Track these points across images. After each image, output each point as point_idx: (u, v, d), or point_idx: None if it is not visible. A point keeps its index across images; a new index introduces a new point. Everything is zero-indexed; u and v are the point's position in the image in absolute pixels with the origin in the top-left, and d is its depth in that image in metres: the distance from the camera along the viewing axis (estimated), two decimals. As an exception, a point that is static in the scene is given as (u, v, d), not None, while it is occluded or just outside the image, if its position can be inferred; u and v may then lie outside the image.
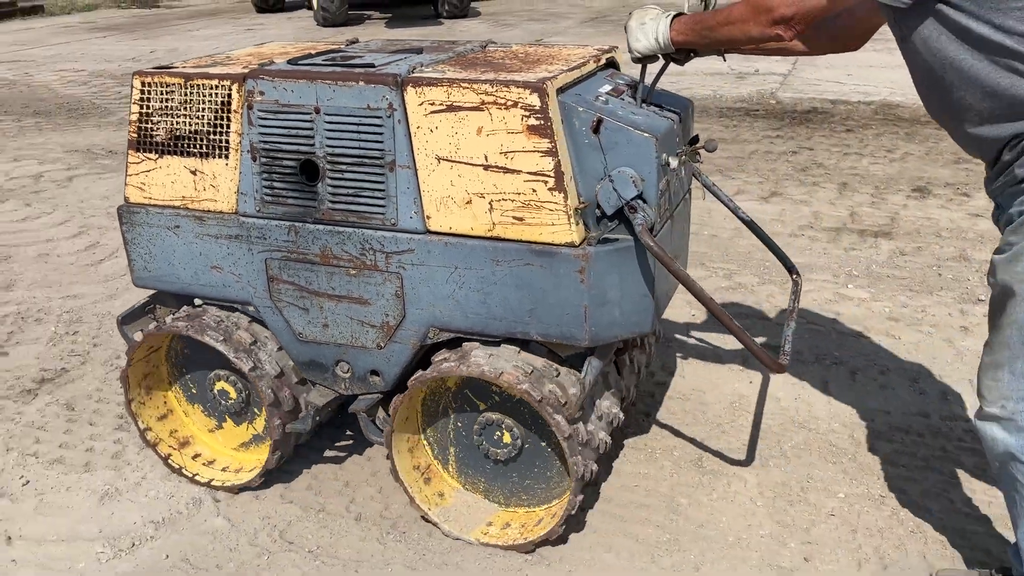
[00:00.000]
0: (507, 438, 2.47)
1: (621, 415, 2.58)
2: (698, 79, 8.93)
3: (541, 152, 2.15)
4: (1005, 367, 1.99)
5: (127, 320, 2.80)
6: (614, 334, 2.32)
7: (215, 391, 2.77)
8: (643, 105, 2.35)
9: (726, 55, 2.36)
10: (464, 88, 2.18)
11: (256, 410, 2.76)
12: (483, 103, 2.17)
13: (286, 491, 2.79)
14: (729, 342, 3.57)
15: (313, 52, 2.65)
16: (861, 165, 6.03)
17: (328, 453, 2.97)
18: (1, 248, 4.96)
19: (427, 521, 2.57)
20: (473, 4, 15.87)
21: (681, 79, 8.83)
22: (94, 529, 2.66)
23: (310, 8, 15.94)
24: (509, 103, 2.14)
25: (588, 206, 2.22)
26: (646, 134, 2.16)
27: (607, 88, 2.38)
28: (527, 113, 2.13)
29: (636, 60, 2.27)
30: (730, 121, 7.37)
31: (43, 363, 3.64)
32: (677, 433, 3.02)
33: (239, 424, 2.83)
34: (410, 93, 2.23)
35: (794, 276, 2.80)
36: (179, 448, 2.85)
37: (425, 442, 2.62)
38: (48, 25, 15.64)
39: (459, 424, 2.55)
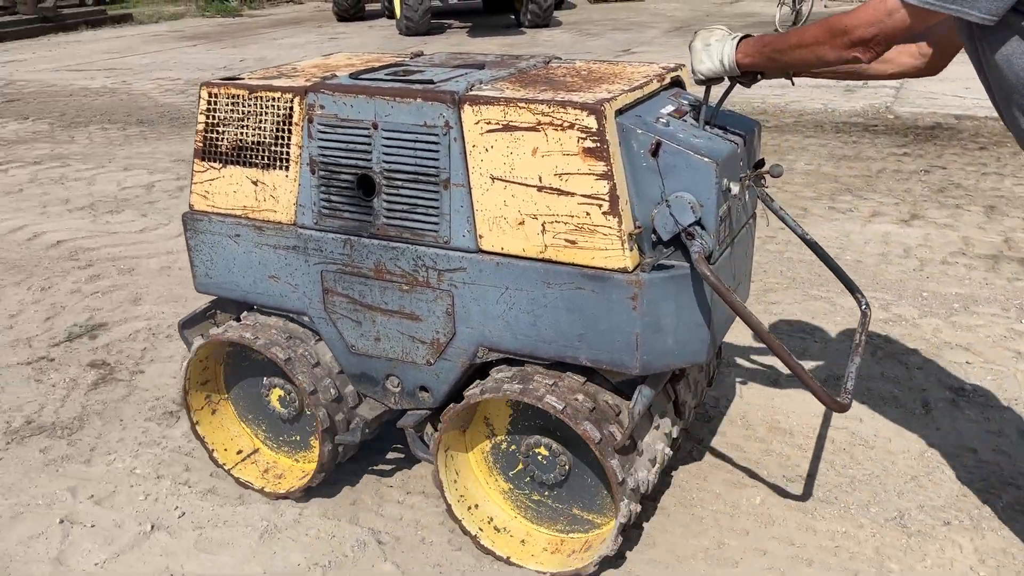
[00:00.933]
0: (552, 464, 2.43)
1: (668, 451, 2.52)
2: (805, 92, 8.64)
3: (596, 175, 2.10)
4: None
5: (188, 325, 2.85)
6: (667, 363, 2.25)
7: (269, 398, 2.80)
8: (706, 127, 2.27)
9: (795, 78, 2.27)
10: (521, 108, 2.14)
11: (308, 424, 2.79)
12: (539, 123, 2.13)
13: (453, 537, 2.62)
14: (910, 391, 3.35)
15: (376, 65, 2.65)
16: (1004, 186, 5.72)
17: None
18: (124, 260, 4.98)
19: (476, 544, 2.54)
20: (555, 13, 15.81)
21: (786, 91, 8.56)
22: (258, 570, 2.54)
23: (391, 17, 16.05)
24: (566, 124, 2.10)
25: (643, 231, 2.16)
26: (706, 159, 2.09)
27: (670, 109, 2.32)
28: (583, 135, 2.09)
29: (700, 82, 2.20)
30: (848, 137, 7.08)
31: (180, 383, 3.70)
32: (866, 485, 2.80)
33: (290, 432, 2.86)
34: (467, 111, 2.21)
35: (863, 307, 2.68)
36: (252, 464, 2.90)
37: (477, 460, 2.60)
38: (138, 33, 16.05)
39: (508, 445, 2.52)
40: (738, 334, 3.75)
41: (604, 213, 2.12)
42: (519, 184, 2.19)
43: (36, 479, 2.96)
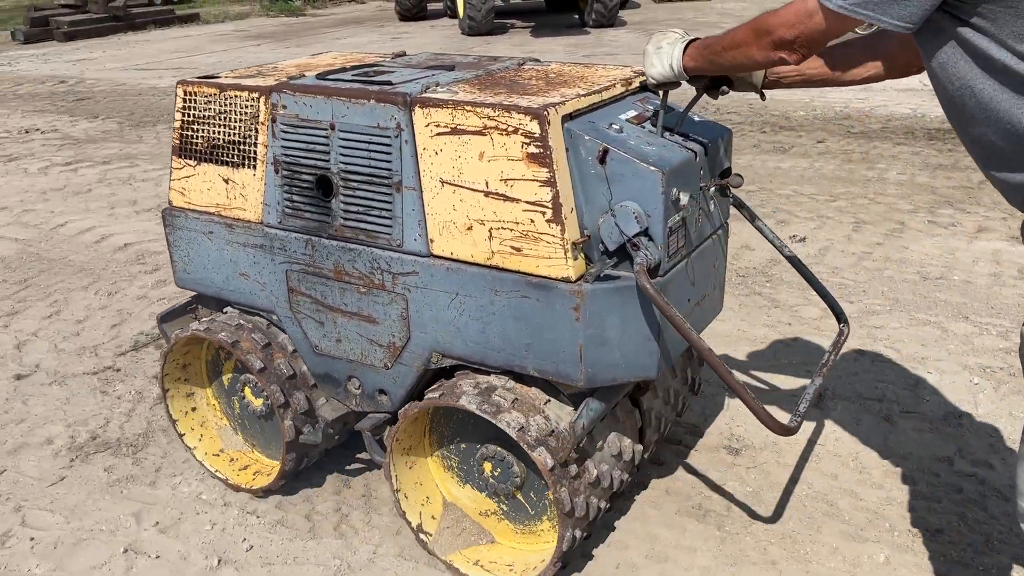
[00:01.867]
0: (494, 470, 2.38)
1: (626, 477, 2.45)
2: (890, 95, 8.23)
3: (540, 182, 2.05)
4: None
5: (167, 318, 2.90)
6: (613, 376, 2.18)
7: (241, 396, 2.82)
8: (665, 134, 2.19)
9: (765, 92, 2.18)
10: (468, 111, 2.10)
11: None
12: (485, 127, 2.09)
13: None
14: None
15: (348, 66, 2.64)
16: None
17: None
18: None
19: (423, 546, 2.51)
20: (619, 13, 15.59)
21: (870, 95, 8.15)
22: (332, 616, 2.42)
23: (453, 17, 15.97)
24: (510, 129, 2.05)
25: (588, 240, 2.09)
26: (653, 167, 2.02)
27: (631, 114, 2.25)
28: (527, 140, 2.04)
29: (652, 87, 2.12)
30: (943, 144, 6.63)
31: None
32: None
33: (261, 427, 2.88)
34: (418, 114, 2.18)
35: (841, 325, 2.56)
36: (229, 461, 2.93)
37: (432, 469, 2.57)
38: (204, 33, 16.03)
39: (461, 454, 2.49)
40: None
41: (547, 221, 2.06)
42: (467, 188, 2.16)
43: (100, 501, 2.85)
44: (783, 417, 2.13)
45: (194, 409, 2.93)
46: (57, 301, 4.42)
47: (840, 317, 2.58)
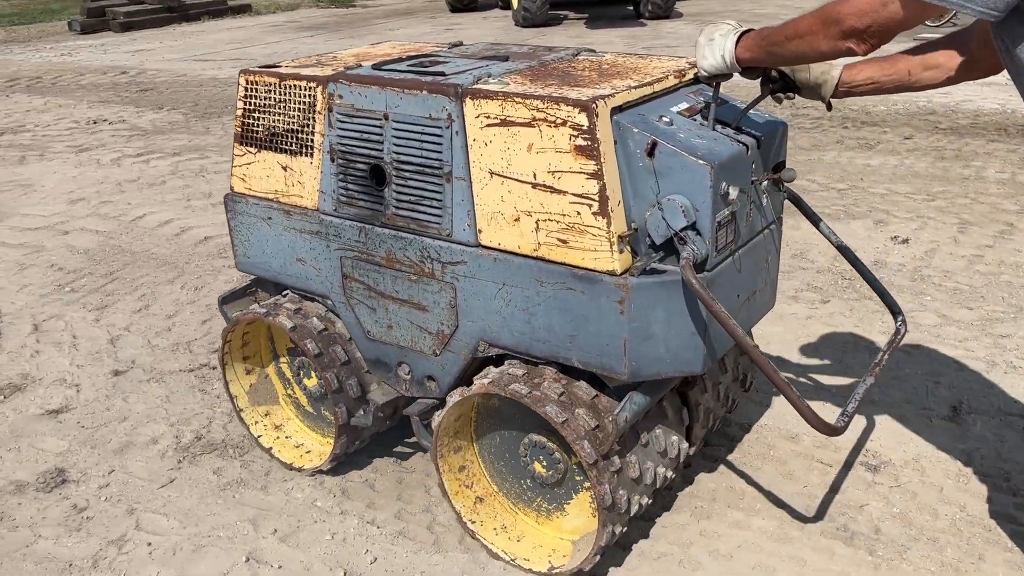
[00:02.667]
0: (542, 466, 2.40)
1: (685, 445, 2.44)
2: (976, 90, 7.88)
3: (587, 174, 2.05)
4: None
5: (228, 300, 2.99)
6: (658, 371, 2.17)
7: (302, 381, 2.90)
8: (716, 127, 2.17)
9: (833, 99, 2.13)
10: (518, 103, 2.11)
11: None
12: (534, 119, 2.09)
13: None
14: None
15: (405, 56, 2.67)
16: None
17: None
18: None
19: (473, 536, 2.55)
20: (676, 4, 15.27)
21: (953, 89, 7.79)
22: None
23: (506, 7, 15.73)
24: (558, 121, 2.06)
25: (635, 233, 2.09)
26: (701, 161, 2.00)
27: (683, 106, 2.23)
28: (575, 132, 2.04)
29: (704, 79, 2.10)
30: None
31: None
32: None
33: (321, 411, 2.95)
34: (468, 105, 2.20)
35: (898, 323, 2.49)
36: (273, 429, 3.02)
37: (479, 459, 2.60)
38: (257, 24, 15.98)
39: (508, 444, 2.51)
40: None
41: (594, 213, 2.06)
42: (515, 180, 2.17)
43: (213, 505, 2.80)
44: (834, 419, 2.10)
45: (252, 387, 3.02)
46: (145, 295, 4.43)
47: (897, 315, 2.52)
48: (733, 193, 2.04)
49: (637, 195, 2.10)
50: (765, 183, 2.25)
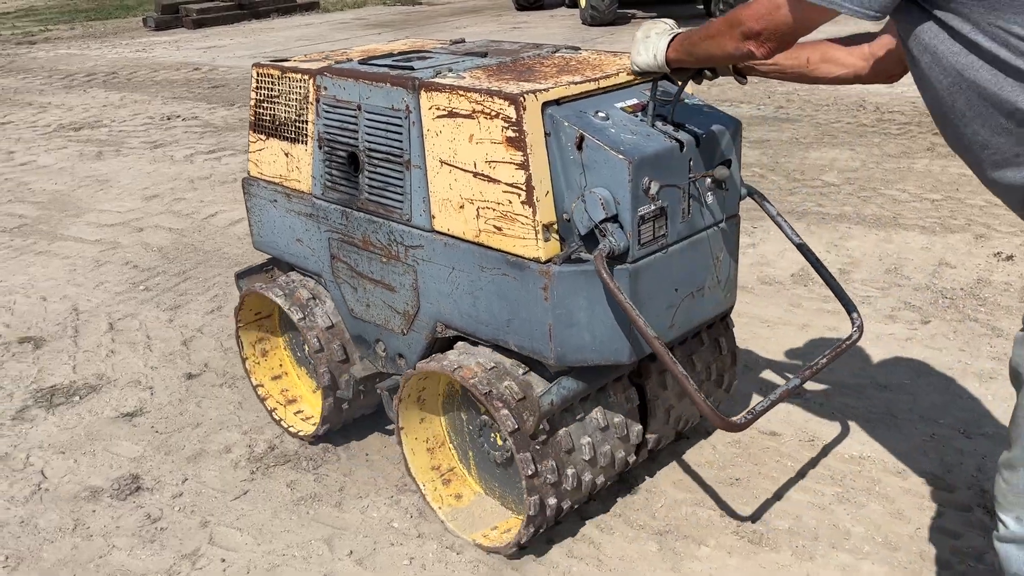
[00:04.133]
0: (499, 439, 2.50)
1: (621, 454, 2.48)
2: None
3: (516, 164, 2.14)
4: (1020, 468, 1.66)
5: (243, 275, 3.24)
6: (584, 358, 2.24)
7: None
8: (656, 124, 2.21)
9: (746, 77, 2.15)
10: (461, 96, 2.23)
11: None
12: (474, 111, 2.21)
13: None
14: None
15: (394, 52, 2.83)
16: None
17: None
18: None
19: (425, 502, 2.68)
20: None
21: None
22: None
23: (573, 6, 15.37)
24: (492, 113, 2.16)
25: (566, 223, 2.16)
26: (620, 156, 2.05)
27: (630, 103, 2.28)
28: (506, 124, 2.14)
29: (637, 75, 2.15)
30: None
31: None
32: None
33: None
34: (423, 97, 2.33)
35: (853, 329, 2.44)
36: (285, 405, 3.24)
37: (450, 444, 2.72)
38: (325, 21, 15.90)
39: (470, 426, 2.63)
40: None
41: (522, 202, 2.15)
42: (460, 169, 2.29)
43: (287, 521, 2.74)
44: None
45: (264, 353, 3.25)
46: (217, 296, 4.42)
47: (853, 318, 2.47)
48: (654, 188, 2.08)
49: (570, 186, 2.17)
50: (709, 180, 2.27)
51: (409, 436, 2.65)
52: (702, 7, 13.87)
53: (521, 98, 2.10)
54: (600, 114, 2.18)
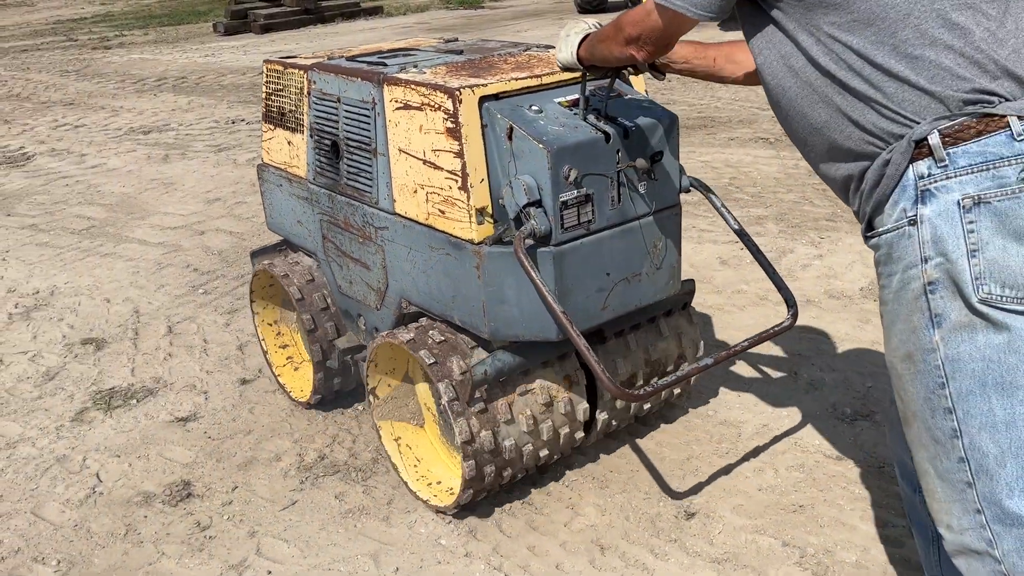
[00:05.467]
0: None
1: (566, 430, 2.64)
2: None
3: (454, 153, 2.34)
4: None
5: (257, 254, 3.54)
6: (515, 333, 2.42)
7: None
8: (589, 117, 2.36)
9: (663, 74, 2.28)
10: (413, 89, 2.44)
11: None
12: (423, 104, 2.41)
13: None
14: None
15: (383, 50, 3.07)
16: None
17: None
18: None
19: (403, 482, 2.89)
20: None
21: None
22: None
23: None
24: (436, 106, 2.36)
25: (490, 208, 2.34)
26: (541, 145, 2.22)
27: (569, 98, 2.44)
28: (446, 116, 2.34)
29: (562, 70, 2.31)
30: None
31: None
32: None
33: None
34: (386, 90, 2.56)
35: (789, 314, 2.52)
36: (293, 371, 3.54)
37: (416, 411, 2.94)
38: (388, 25, 15.91)
39: (432, 395, 2.84)
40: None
41: (459, 188, 2.35)
42: (413, 156, 2.50)
43: (334, 534, 2.73)
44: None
45: (275, 322, 3.55)
46: None
47: (791, 306, 2.55)
48: (573, 175, 2.24)
49: (505, 174, 2.35)
50: (632, 170, 2.40)
51: (379, 400, 2.88)
52: None
53: (458, 92, 2.30)
54: (534, 108, 2.35)
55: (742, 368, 3.51)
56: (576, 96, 2.45)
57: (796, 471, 2.87)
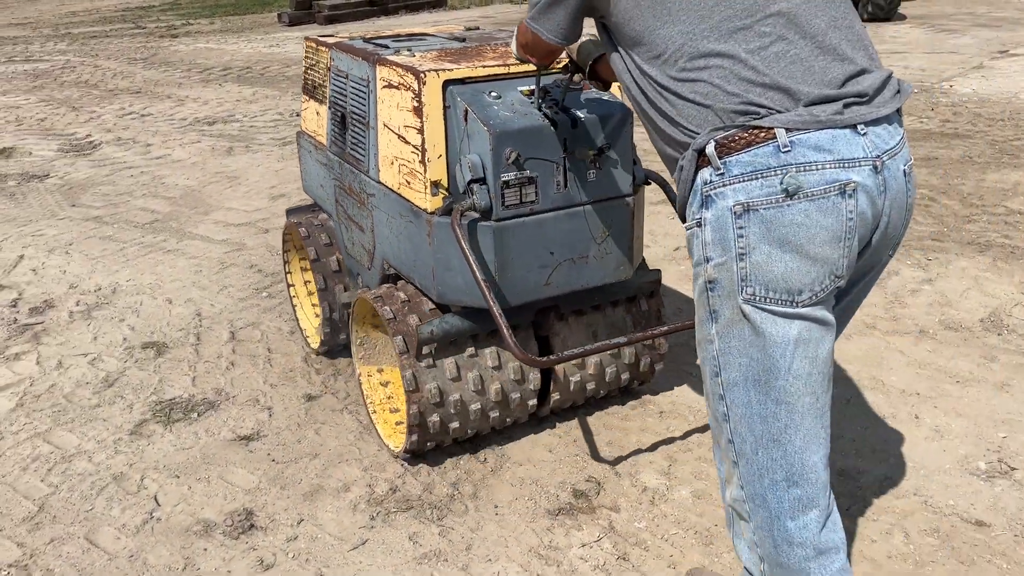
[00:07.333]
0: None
1: (516, 396, 2.85)
2: None
3: (416, 129, 2.58)
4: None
5: (292, 213, 3.90)
6: (460, 299, 2.64)
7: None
8: (543, 107, 2.55)
9: (607, 85, 2.44)
10: (393, 70, 2.70)
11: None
12: (399, 84, 2.67)
13: None
14: None
15: (404, 33, 3.34)
16: None
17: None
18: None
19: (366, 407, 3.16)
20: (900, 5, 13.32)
21: None
22: None
23: None
24: (406, 86, 2.61)
25: (445, 182, 2.58)
26: (486, 128, 2.43)
27: (529, 87, 2.63)
28: (413, 95, 2.58)
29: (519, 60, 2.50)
30: None
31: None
32: None
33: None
34: (377, 70, 2.83)
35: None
36: (310, 315, 3.91)
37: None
38: (452, 19, 15.74)
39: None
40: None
41: (419, 161, 2.60)
42: (392, 131, 2.76)
43: None
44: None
45: (303, 271, 3.92)
46: None
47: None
48: (512, 156, 2.44)
49: (463, 152, 2.58)
50: (583, 160, 2.57)
51: (360, 347, 3.18)
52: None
53: (423, 75, 2.54)
54: (493, 94, 2.56)
55: (857, 408, 3.23)
56: (539, 87, 2.63)
57: (930, 536, 2.55)
